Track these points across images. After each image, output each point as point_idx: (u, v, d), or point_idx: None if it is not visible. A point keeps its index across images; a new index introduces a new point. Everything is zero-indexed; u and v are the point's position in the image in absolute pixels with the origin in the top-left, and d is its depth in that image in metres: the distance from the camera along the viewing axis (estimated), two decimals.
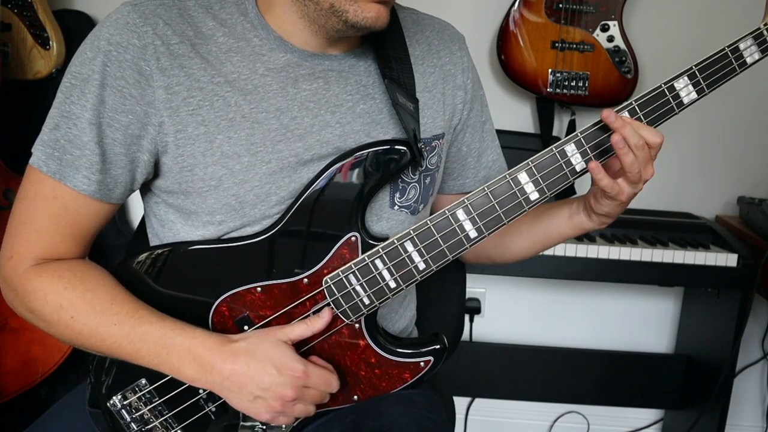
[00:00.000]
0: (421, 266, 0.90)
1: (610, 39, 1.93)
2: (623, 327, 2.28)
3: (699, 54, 0.90)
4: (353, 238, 0.90)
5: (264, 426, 0.95)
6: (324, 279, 0.90)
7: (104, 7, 2.03)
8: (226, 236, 0.93)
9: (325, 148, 0.92)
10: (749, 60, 0.90)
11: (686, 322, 2.22)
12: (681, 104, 0.90)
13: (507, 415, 2.31)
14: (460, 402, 2.26)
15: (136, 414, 0.94)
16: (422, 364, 0.95)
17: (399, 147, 0.90)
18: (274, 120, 0.90)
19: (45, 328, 0.91)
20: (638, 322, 2.28)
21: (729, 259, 1.83)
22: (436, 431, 0.98)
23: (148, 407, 0.94)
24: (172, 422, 0.94)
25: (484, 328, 2.25)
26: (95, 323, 0.88)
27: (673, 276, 1.87)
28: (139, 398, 0.93)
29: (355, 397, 0.97)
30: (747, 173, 2.17)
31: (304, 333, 0.89)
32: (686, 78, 0.89)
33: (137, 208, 2.06)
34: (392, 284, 0.90)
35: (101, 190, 0.89)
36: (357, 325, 0.93)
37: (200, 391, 0.93)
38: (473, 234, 0.90)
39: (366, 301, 0.91)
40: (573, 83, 1.94)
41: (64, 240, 0.91)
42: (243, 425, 0.95)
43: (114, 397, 0.94)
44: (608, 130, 0.88)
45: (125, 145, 0.88)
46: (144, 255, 0.93)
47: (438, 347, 0.95)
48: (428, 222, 0.89)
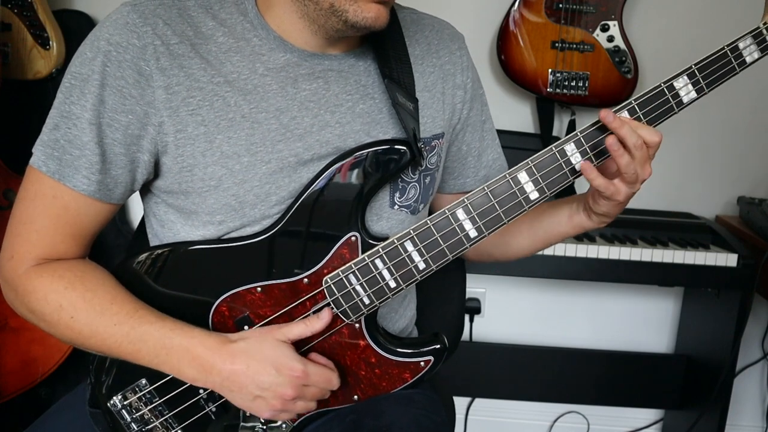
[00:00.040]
0: (421, 266, 0.90)
1: (610, 39, 1.93)
2: (623, 327, 2.28)
3: (699, 54, 0.90)
4: (353, 238, 0.90)
5: (264, 426, 0.95)
6: (324, 279, 0.90)
7: (104, 7, 2.03)
8: (226, 236, 0.93)
9: (325, 148, 0.92)
10: (749, 59, 0.90)
11: (686, 322, 2.22)
12: (680, 103, 0.90)
13: (507, 415, 2.31)
14: (460, 402, 2.26)
15: (137, 414, 0.94)
16: (422, 364, 0.95)
17: (399, 147, 0.90)
18: (274, 120, 0.90)
19: (45, 328, 0.91)
20: (638, 322, 2.27)
21: (729, 259, 1.83)
22: (436, 431, 0.98)
23: (149, 407, 0.94)
24: (173, 422, 0.94)
25: (484, 328, 2.25)
26: (95, 323, 0.88)
27: (673, 276, 1.87)
28: (140, 398, 0.93)
29: (355, 397, 0.97)
30: (747, 173, 2.17)
31: (303, 333, 0.89)
32: (686, 77, 0.89)
33: (137, 208, 2.06)
34: (392, 284, 0.90)
35: (101, 190, 0.89)
36: (357, 325, 0.93)
37: (200, 391, 0.93)
38: (473, 233, 0.90)
39: (366, 301, 0.91)
40: (573, 83, 1.94)
41: (65, 240, 0.91)
42: (243, 426, 0.95)
43: (114, 397, 0.94)
44: (608, 130, 0.88)
45: (125, 145, 0.88)
46: (144, 255, 0.93)
47: (438, 347, 0.95)
48: (428, 222, 0.89)
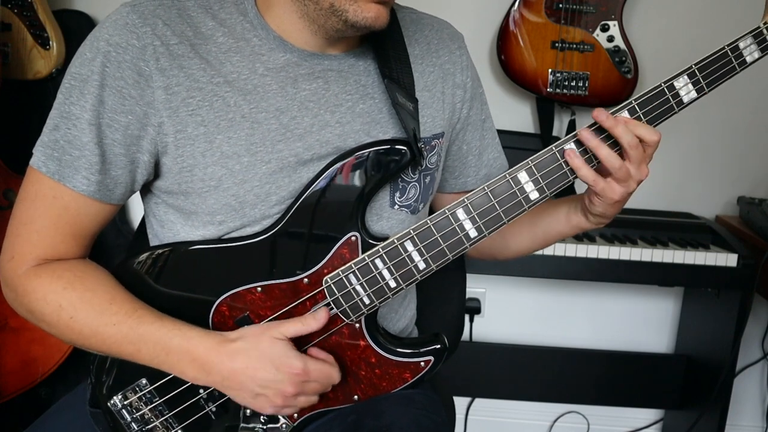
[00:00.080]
0: (421, 266, 0.90)
1: (610, 39, 1.93)
2: (623, 327, 2.28)
3: (699, 54, 0.90)
4: (353, 238, 0.90)
5: (264, 427, 0.95)
6: (324, 279, 0.90)
7: (104, 7, 2.03)
8: (227, 236, 0.93)
9: (325, 148, 0.91)
10: (749, 59, 0.90)
11: (686, 322, 2.22)
12: (681, 103, 0.90)
13: (507, 415, 2.31)
14: (460, 402, 2.26)
15: (137, 414, 0.94)
16: (422, 364, 0.95)
17: (399, 147, 0.90)
18: (274, 120, 0.90)
19: (46, 329, 0.91)
20: (638, 322, 2.27)
21: (729, 259, 1.83)
22: (437, 431, 0.98)
23: (149, 407, 0.94)
24: (173, 422, 0.94)
25: (484, 328, 2.25)
26: (95, 323, 0.88)
27: (673, 276, 1.87)
28: (140, 398, 0.94)
29: (356, 397, 0.97)
30: (747, 173, 2.17)
31: (300, 331, 0.89)
32: (686, 77, 0.89)
33: (137, 209, 2.06)
34: (392, 284, 0.90)
35: (101, 191, 0.89)
36: (357, 325, 0.93)
37: (200, 391, 0.93)
38: (473, 233, 0.90)
39: (366, 301, 0.91)
40: (573, 83, 1.94)
41: (65, 240, 0.91)
42: (243, 426, 0.95)
43: (114, 397, 0.94)
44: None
45: (125, 146, 0.88)
46: (145, 255, 0.93)
47: (438, 347, 0.95)
48: (428, 221, 0.89)
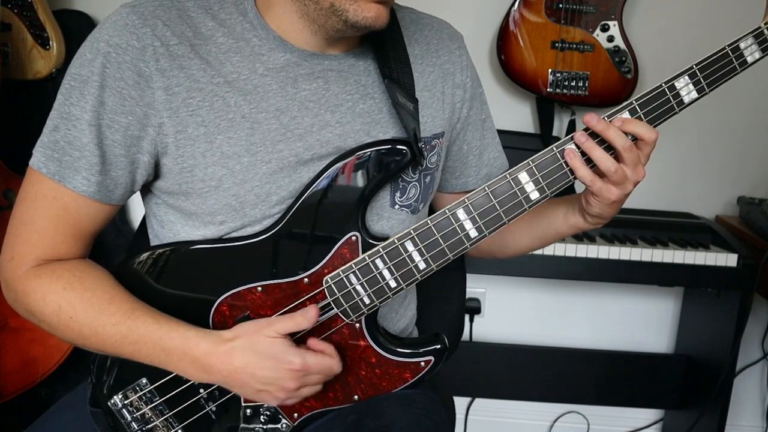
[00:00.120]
0: (422, 266, 0.90)
1: (610, 39, 1.93)
2: (623, 327, 2.28)
3: (699, 54, 0.90)
4: (354, 238, 0.90)
5: (265, 427, 0.95)
6: (324, 278, 0.90)
7: (104, 7, 2.03)
8: (227, 236, 0.92)
9: (326, 148, 0.91)
10: (750, 59, 0.90)
11: (686, 322, 2.22)
12: (681, 103, 0.90)
13: (507, 415, 2.31)
14: (460, 402, 2.26)
15: (137, 413, 0.94)
16: (423, 364, 0.95)
17: (400, 147, 0.90)
18: (274, 120, 0.90)
19: (47, 329, 0.91)
20: (638, 322, 2.27)
21: (729, 259, 1.83)
22: (437, 431, 0.98)
23: (149, 406, 0.94)
24: (173, 421, 0.94)
25: (484, 328, 2.25)
26: (94, 323, 0.88)
27: (673, 276, 1.87)
28: (140, 397, 0.94)
29: (356, 397, 0.97)
30: (747, 173, 2.17)
31: (292, 329, 0.88)
32: (687, 77, 0.89)
33: (138, 209, 2.06)
34: (392, 284, 0.90)
35: (101, 191, 0.89)
36: (357, 325, 0.93)
37: (200, 391, 0.93)
38: (473, 233, 0.90)
39: (366, 301, 0.91)
40: (573, 83, 1.94)
41: (65, 240, 0.91)
42: (244, 427, 0.95)
43: (115, 397, 0.94)
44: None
45: (125, 147, 0.88)
46: (145, 255, 0.93)
47: (438, 347, 0.95)
48: (428, 221, 0.89)
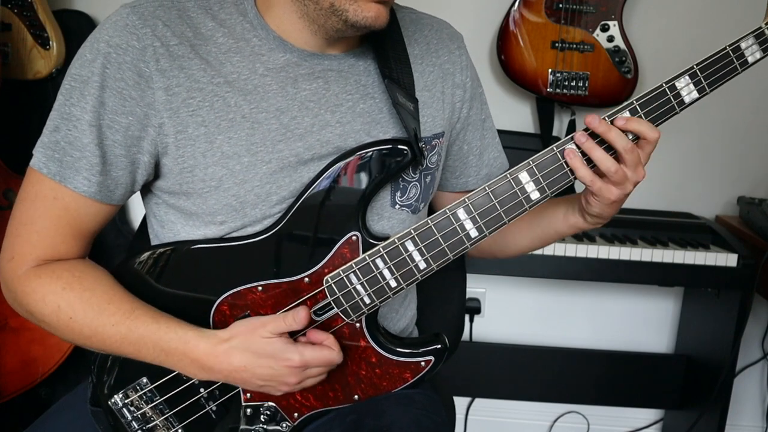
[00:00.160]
0: (422, 265, 0.90)
1: (610, 39, 1.93)
2: (623, 327, 2.28)
3: (699, 54, 0.90)
4: (354, 238, 0.90)
5: (265, 426, 0.95)
6: (325, 278, 0.90)
7: (104, 7, 2.03)
8: (227, 236, 0.92)
9: (326, 148, 0.91)
10: (750, 59, 0.90)
11: (686, 322, 2.22)
12: (682, 103, 0.90)
13: (507, 415, 2.31)
14: (460, 402, 2.26)
15: (138, 413, 0.94)
16: (423, 364, 0.95)
17: (401, 147, 0.90)
18: (274, 120, 0.90)
19: (47, 329, 0.91)
20: (638, 322, 2.28)
21: (729, 259, 1.83)
22: (437, 431, 0.98)
23: (149, 406, 0.94)
24: (173, 421, 0.94)
25: (484, 328, 2.25)
26: (94, 324, 0.88)
27: (673, 276, 1.87)
28: (140, 396, 0.94)
29: (356, 397, 0.97)
30: (747, 173, 2.17)
31: (284, 329, 0.87)
32: (687, 77, 0.89)
33: (138, 209, 2.06)
34: (393, 283, 0.90)
35: (102, 192, 0.89)
36: (358, 325, 0.93)
37: (201, 390, 0.93)
38: (474, 233, 0.89)
39: (366, 301, 0.91)
40: (573, 83, 1.94)
41: (65, 240, 0.91)
42: (244, 428, 0.95)
43: (115, 396, 0.94)
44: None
45: (125, 147, 0.88)
46: (146, 254, 0.93)
47: (439, 347, 0.95)
48: (429, 221, 0.89)
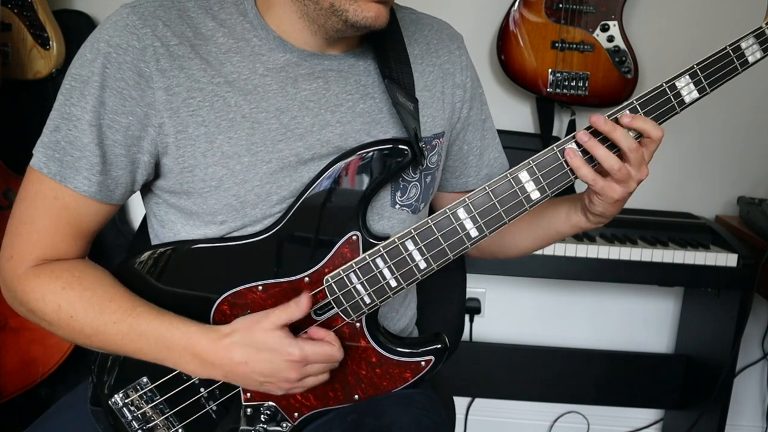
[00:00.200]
0: (422, 265, 0.90)
1: (610, 39, 1.93)
2: (623, 327, 2.28)
3: (699, 54, 0.90)
4: (354, 237, 0.90)
5: (265, 426, 0.95)
6: (325, 278, 0.90)
7: (104, 7, 2.03)
8: (228, 236, 0.92)
9: (326, 148, 0.91)
10: (751, 59, 0.90)
11: (686, 322, 2.22)
12: (682, 103, 0.90)
13: (507, 415, 2.31)
14: (460, 402, 2.26)
15: (138, 412, 0.94)
16: (423, 364, 0.95)
17: (401, 147, 0.90)
18: (274, 120, 0.90)
19: (48, 328, 0.91)
20: (638, 322, 2.28)
21: (729, 259, 1.83)
22: (437, 431, 0.98)
23: (150, 405, 0.94)
24: (174, 421, 0.94)
25: (484, 328, 2.25)
26: (95, 322, 0.88)
27: (673, 276, 1.87)
28: (141, 396, 0.94)
29: (356, 397, 0.97)
30: (747, 173, 2.17)
31: (286, 320, 0.87)
32: (688, 77, 0.89)
33: (138, 209, 2.06)
34: (393, 283, 0.90)
35: (102, 191, 0.89)
36: (358, 324, 0.93)
37: (201, 390, 0.93)
38: (474, 233, 0.89)
39: (367, 300, 0.91)
40: (573, 83, 1.94)
41: (65, 240, 0.91)
42: (244, 426, 0.95)
43: (116, 395, 0.94)
44: None
45: (125, 147, 0.88)
46: (146, 254, 0.93)
47: (439, 347, 0.95)
48: (429, 221, 0.89)
